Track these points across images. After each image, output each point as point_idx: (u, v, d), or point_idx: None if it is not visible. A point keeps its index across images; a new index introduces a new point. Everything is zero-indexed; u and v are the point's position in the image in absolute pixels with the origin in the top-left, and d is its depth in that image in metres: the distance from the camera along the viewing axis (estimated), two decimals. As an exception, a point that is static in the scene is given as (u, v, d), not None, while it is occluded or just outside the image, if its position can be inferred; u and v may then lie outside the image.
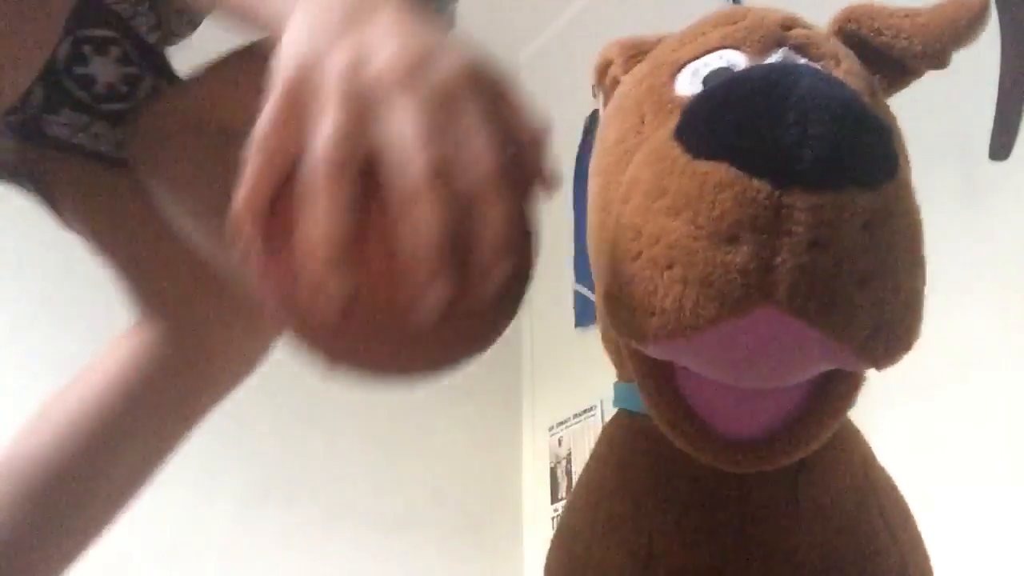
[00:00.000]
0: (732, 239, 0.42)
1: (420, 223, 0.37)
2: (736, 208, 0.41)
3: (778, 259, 0.41)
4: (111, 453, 0.85)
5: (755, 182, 0.41)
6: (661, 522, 0.55)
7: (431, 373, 0.43)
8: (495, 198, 0.38)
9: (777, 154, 0.41)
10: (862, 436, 0.61)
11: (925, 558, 0.59)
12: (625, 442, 0.61)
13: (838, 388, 0.50)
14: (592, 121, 2.88)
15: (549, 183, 0.44)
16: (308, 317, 0.40)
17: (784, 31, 0.57)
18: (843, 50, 0.58)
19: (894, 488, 0.60)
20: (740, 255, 0.41)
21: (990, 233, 1.67)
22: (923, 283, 0.45)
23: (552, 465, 2.55)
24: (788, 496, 0.54)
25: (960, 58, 2.12)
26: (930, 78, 2.18)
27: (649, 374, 0.51)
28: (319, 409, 2.24)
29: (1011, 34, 1.76)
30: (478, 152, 0.38)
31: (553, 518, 2.50)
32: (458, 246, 0.38)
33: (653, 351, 0.48)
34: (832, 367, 0.48)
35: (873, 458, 0.61)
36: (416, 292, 0.38)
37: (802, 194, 0.41)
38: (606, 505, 0.59)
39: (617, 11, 3.08)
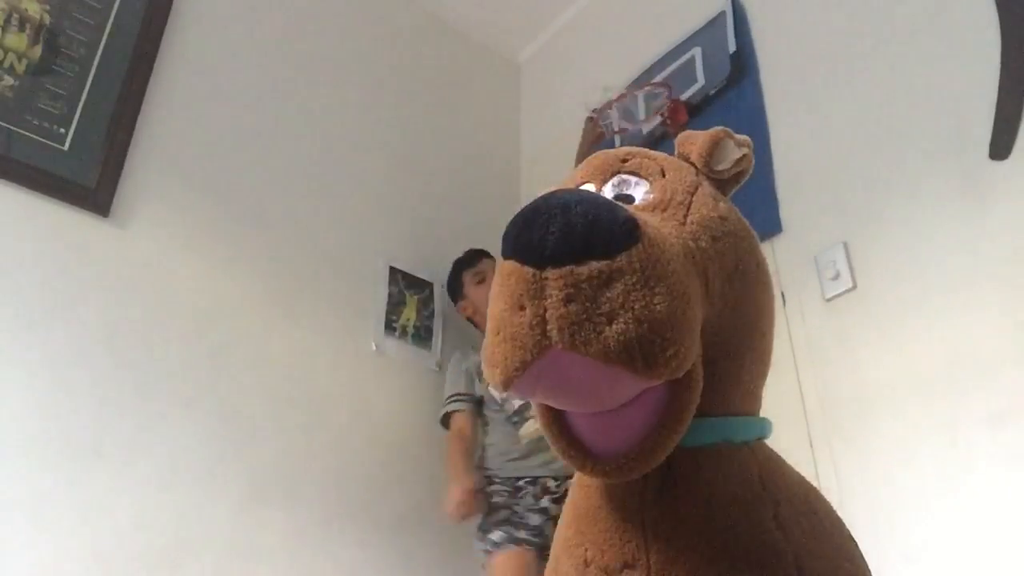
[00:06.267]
0: (521, 307, 0.63)
1: None
2: (518, 287, 0.63)
3: (548, 315, 0.61)
4: None
5: (526, 268, 0.63)
6: (591, 536, 0.75)
7: None
8: None
9: (533, 249, 0.62)
10: (766, 456, 0.77)
11: (829, 554, 0.71)
12: (576, 480, 0.83)
13: (671, 412, 0.67)
14: (592, 121, 2.88)
15: None
16: None
17: (621, 163, 0.82)
18: (674, 166, 0.81)
19: (801, 497, 0.75)
20: (526, 316, 0.62)
21: (990, 233, 1.67)
22: (677, 309, 0.62)
23: (552, 465, 2.55)
24: (677, 505, 0.72)
25: (960, 58, 2.13)
26: (930, 78, 2.19)
27: (542, 412, 0.72)
28: (320, 409, 2.24)
29: (1011, 34, 1.76)
30: None
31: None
32: None
33: (513, 394, 0.66)
34: (629, 387, 0.64)
35: (775, 473, 0.76)
36: None
37: (552, 270, 0.61)
38: (562, 529, 0.81)
39: (617, 11, 3.08)
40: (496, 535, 2.12)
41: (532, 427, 2.18)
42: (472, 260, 2.59)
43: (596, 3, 3.22)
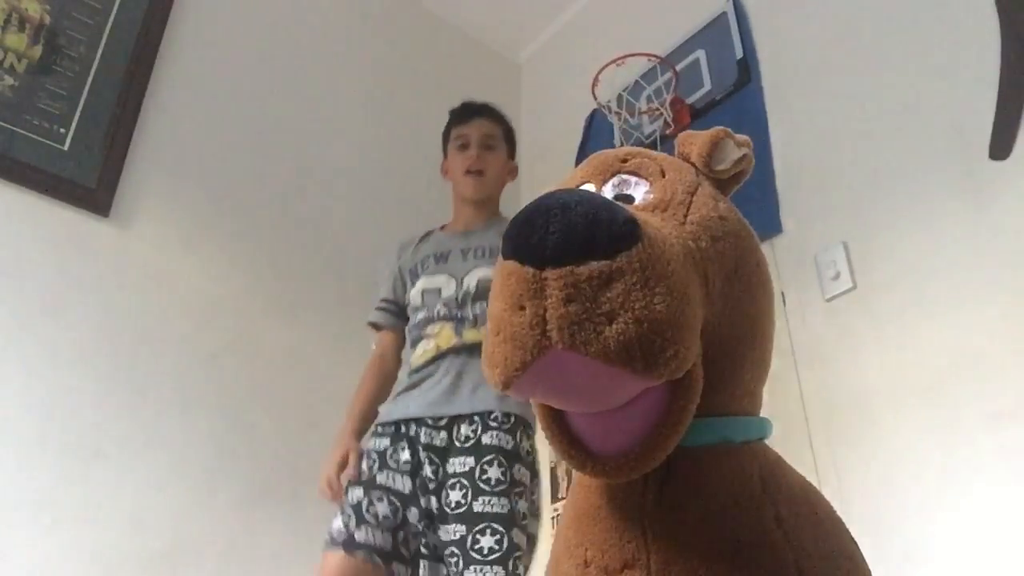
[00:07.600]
0: (520, 307, 0.62)
1: None
2: (518, 287, 0.62)
3: (548, 315, 0.61)
4: None
5: (526, 268, 0.62)
6: (591, 536, 0.75)
7: None
8: None
9: (533, 249, 0.62)
10: (766, 456, 0.77)
11: (830, 554, 0.71)
12: (576, 480, 0.82)
13: (671, 412, 0.66)
14: (592, 121, 2.88)
15: None
16: None
17: (621, 163, 0.82)
18: (674, 166, 0.81)
19: (802, 497, 0.75)
20: (526, 317, 0.62)
21: (990, 233, 1.67)
22: (677, 309, 0.62)
23: (552, 465, 2.55)
24: (677, 505, 0.71)
25: (960, 58, 2.12)
26: (930, 78, 2.18)
27: (542, 412, 0.71)
28: (319, 409, 2.24)
29: (1011, 35, 1.76)
30: None
31: (553, 518, 2.49)
32: None
33: (512, 394, 0.65)
34: (629, 387, 0.64)
35: (776, 473, 0.75)
36: None
37: (552, 271, 0.61)
38: (563, 529, 0.80)
39: (617, 11, 3.08)
40: (335, 525, 1.66)
41: (422, 349, 1.79)
42: (462, 116, 2.03)
43: (596, 3, 3.22)
